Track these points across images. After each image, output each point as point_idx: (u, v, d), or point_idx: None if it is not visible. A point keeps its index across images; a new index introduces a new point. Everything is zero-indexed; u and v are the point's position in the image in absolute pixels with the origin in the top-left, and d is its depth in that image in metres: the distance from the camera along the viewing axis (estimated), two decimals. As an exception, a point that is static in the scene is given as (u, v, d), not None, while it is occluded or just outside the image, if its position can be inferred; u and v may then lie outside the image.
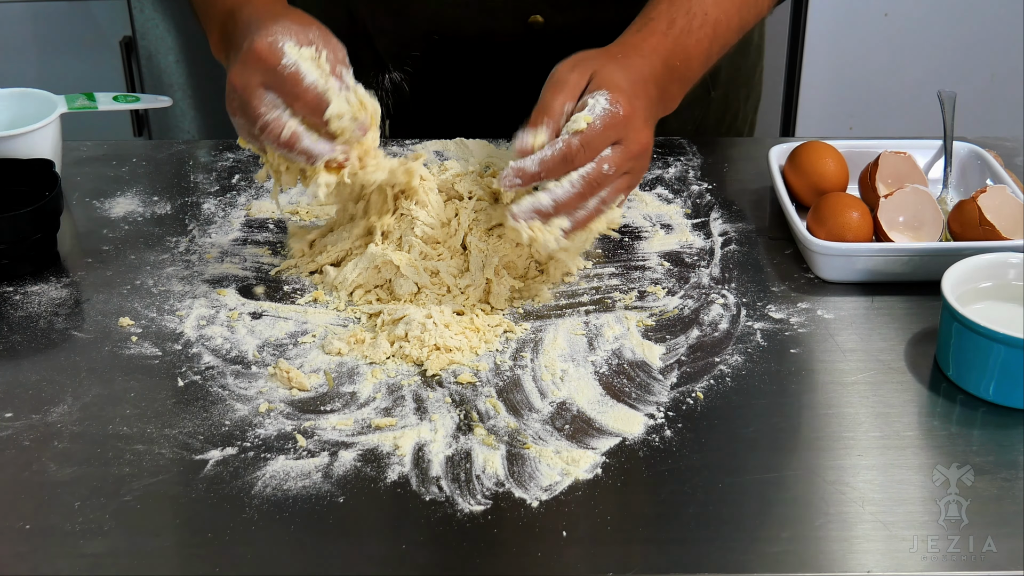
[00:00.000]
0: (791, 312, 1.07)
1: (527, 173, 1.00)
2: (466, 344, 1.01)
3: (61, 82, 2.18)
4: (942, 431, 0.95)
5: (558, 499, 0.86)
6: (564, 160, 1.00)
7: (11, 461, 0.91)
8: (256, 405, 0.95)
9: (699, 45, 1.12)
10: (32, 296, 1.10)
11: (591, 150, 1.00)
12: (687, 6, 1.12)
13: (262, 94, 1.02)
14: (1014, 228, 1.10)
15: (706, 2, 1.13)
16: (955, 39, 2.37)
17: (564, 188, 1.00)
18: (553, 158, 0.99)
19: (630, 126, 1.02)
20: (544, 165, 1.00)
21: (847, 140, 1.25)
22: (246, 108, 1.03)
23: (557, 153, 0.99)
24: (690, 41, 1.12)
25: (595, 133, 1.00)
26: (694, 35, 1.12)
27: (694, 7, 1.12)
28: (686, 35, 1.11)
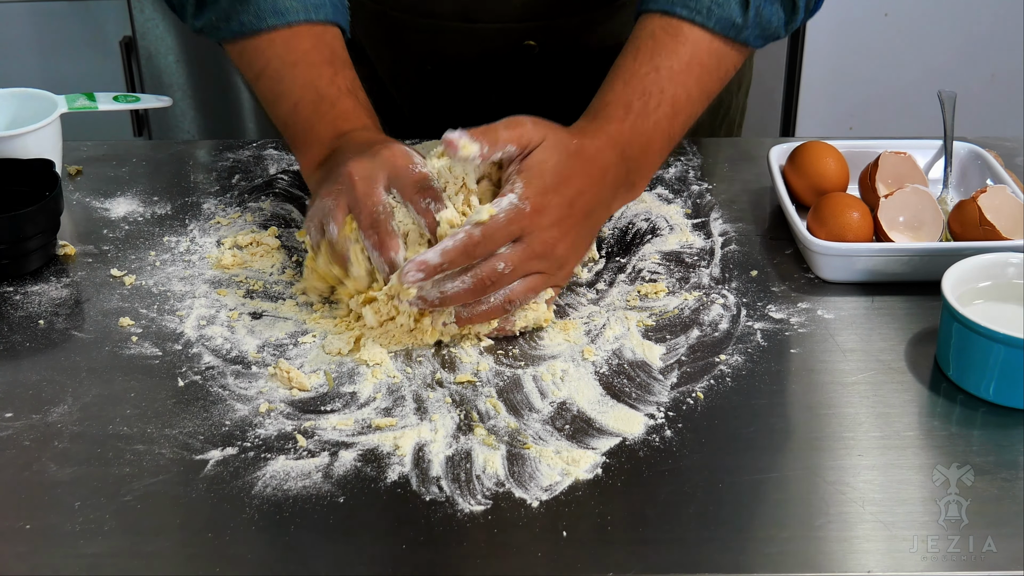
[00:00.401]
0: (791, 312, 1.07)
1: (429, 265, 0.97)
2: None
3: (61, 82, 2.18)
4: (942, 431, 0.95)
5: (558, 499, 0.86)
6: (464, 251, 0.97)
7: (11, 461, 0.91)
8: (256, 405, 0.95)
9: (657, 127, 1.10)
10: (32, 296, 1.10)
11: (491, 243, 0.97)
12: (641, 87, 1.09)
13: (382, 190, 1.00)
14: (1014, 228, 1.10)
15: (661, 79, 1.10)
16: (955, 39, 2.37)
17: (455, 285, 0.98)
18: (455, 249, 0.97)
19: (535, 224, 0.99)
20: (446, 256, 0.97)
21: (847, 140, 1.25)
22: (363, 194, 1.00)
23: (458, 243, 0.97)
24: (647, 125, 1.09)
25: (496, 226, 0.97)
26: (651, 117, 1.09)
27: (649, 87, 1.09)
28: (643, 119, 1.09)
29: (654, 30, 1.12)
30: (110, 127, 2.29)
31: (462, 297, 0.98)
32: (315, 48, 1.15)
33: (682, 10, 1.11)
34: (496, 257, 0.98)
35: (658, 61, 1.10)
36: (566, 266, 1.04)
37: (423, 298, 0.98)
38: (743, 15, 1.12)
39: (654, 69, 1.10)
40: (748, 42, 1.14)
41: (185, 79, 2.32)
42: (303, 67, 1.14)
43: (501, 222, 0.98)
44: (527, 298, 1.01)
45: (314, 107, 1.12)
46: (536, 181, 1.00)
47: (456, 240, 0.97)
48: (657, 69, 1.10)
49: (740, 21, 1.12)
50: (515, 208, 0.98)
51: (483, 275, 0.98)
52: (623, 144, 1.07)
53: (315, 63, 1.14)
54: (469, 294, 0.98)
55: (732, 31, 1.12)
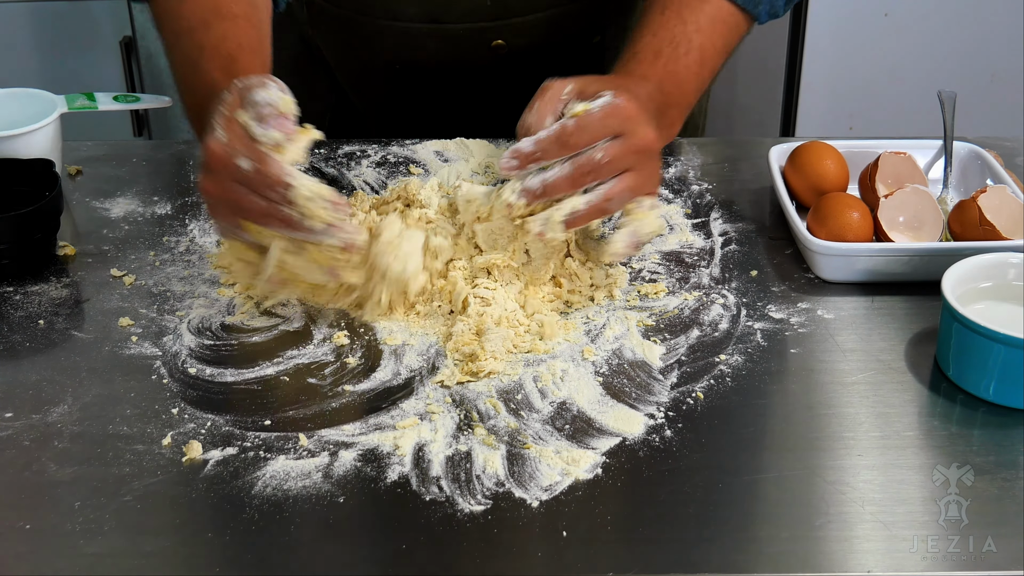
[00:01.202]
0: (791, 312, 1.07)
1: (523, 153, 0.98)
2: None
3: (61, 82, 2.18)
4: (942, 431, 0.95)
5: (558, 499, 0.86)
6: (559, 141, 0.98)
7: (11, 461, 0.91)
8: (256, 404, 0.95)
9: (688, 71, 1.13)
10: (32, 296, 1.10)
11: (587, 134, 0.98)
12: (670, 36, 1.13)
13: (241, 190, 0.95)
14: (1014, 228, 1.10)
15: (688, 30, 1.14)
16: (955, 39, 2.37)
17: (553, 172, 0.99)
18: (548, 138, 0.98)
19: (633, 120, 1.00)
20: (540, 144, 0.98)
21: (847, 140, 1.25)
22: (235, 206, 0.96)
23: (552, 133, 0.98)
24: (679, 68, 1.13)
25: (593, 118, 0.98)
26: (681, 62, 1.13)
27: (677, 36, 1.14)
28: (674, 62, 1.12)
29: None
30: (110, 127, 2.29)
31: (562, 185, 0.99)
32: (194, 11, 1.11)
33: None
34: (595, 148, 0.99)
35: (685, 15, 1.15)
36: (655, 169, 1.05)
37: (526, 190, 0.99)
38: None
39: (681, 22, 1.14)
40: (759, 17, 1.20)
41: (185, 79, 2.31)
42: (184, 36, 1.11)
43: (597, 114, 0.99)
44: (624, 197, 1.01)
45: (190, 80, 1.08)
46: (620, 90, 1.01)
47: (551, 130, 0.98)
48: (684, 21, 1.14)
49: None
50: (611, 103, 0.99)
51: (582, 162, 0.98)
52: (657, 80, 1.11)
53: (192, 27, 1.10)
54: (568, 181, 0.99)
55: (750, 4, 1.18)
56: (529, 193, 0.99)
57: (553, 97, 1.01)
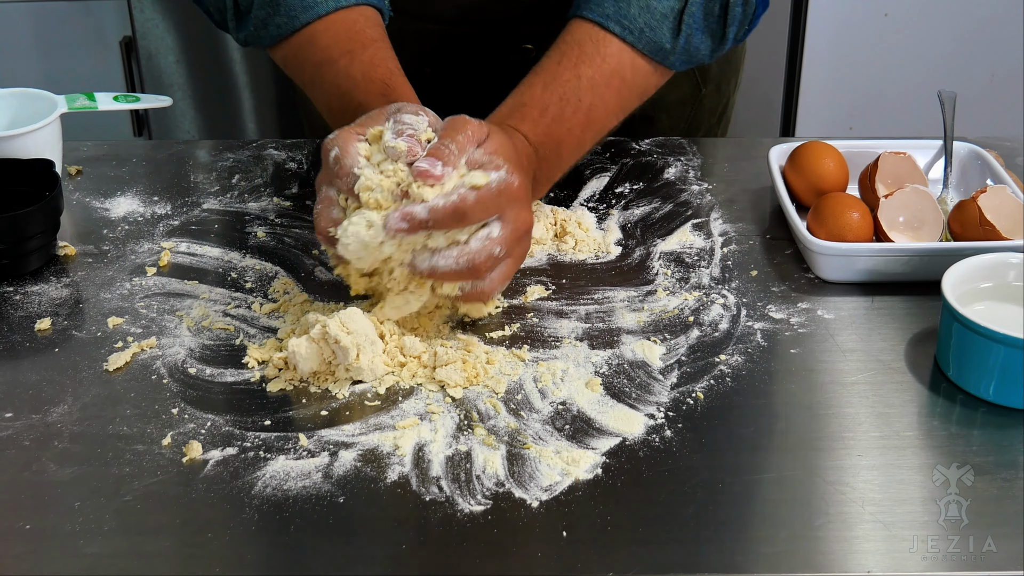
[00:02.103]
0: (791, 312, 1.07)
1: (416, 219, 0.93)
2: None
3: (61, 82, 2.18)
4: (942, 431, 0.95)
5: (558, 499, 0.86)
6: (455, 214, 0.93)
7: (11, 461, 0.91)
8: (257, 404, 0.95)
9: (571, 134, 1.09)
10: (32, 296, 1.10)
11: (483, 212, 0.94)
12: (560, 92, 1.09)
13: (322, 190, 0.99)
14: (1014, 228, 1.10)
15: (580, 88, 1.09)
16: (955, 39, 2.37)
17: (448, 263, 0.95)
18: (445, 208, 0.93)
19: (520, 203, 0.98)
20: (434, 214, 0.93)
21: (847, 140, 1.25)
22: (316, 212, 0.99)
23: (449, 205, 0.93)
24: (561, 130, 1.08)
25: (490, 195, 0.94)
26: (566, 123, 1.09)
27: (568, 93, 1.09)
28: (558, 123, 1.08)
29: (582, 38, 1.12)
30: (110, 127, 2.29)
31: (452, 276, 0.96)
32: (335, 41, 1.13)
33: (615, 26, 1.11)
34: (491, 241, 0.96)
35: (581, 70, 1.10)
36: (527, 251, 1.03)
37: (413, 264, 0.96)
38: (672, 41, 1.12)
39: (576, 77, 1.10)
40: (673, 67, 1.15)
41: (185, 79, 2.32)
42: (327, 66, 1.13)
43: (493, 192, 0.95)
44: (501, 287, 1.00)
45: (341, 110, 1.10)
46: (512, 160, 0.98)
47: (448, 200, 0.93)
48: (579, 77, 1.10)
49: (668, 46, 1.13)
50: (504, 181, 0.95)
51: (480, 261, 0.95)
52: (538, 141, 1.07)
53: (334, 58, 1.12)
54: (459, 276, 0.96)
55: (659, 55, 1.13)
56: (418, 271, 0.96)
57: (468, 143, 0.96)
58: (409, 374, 0.99)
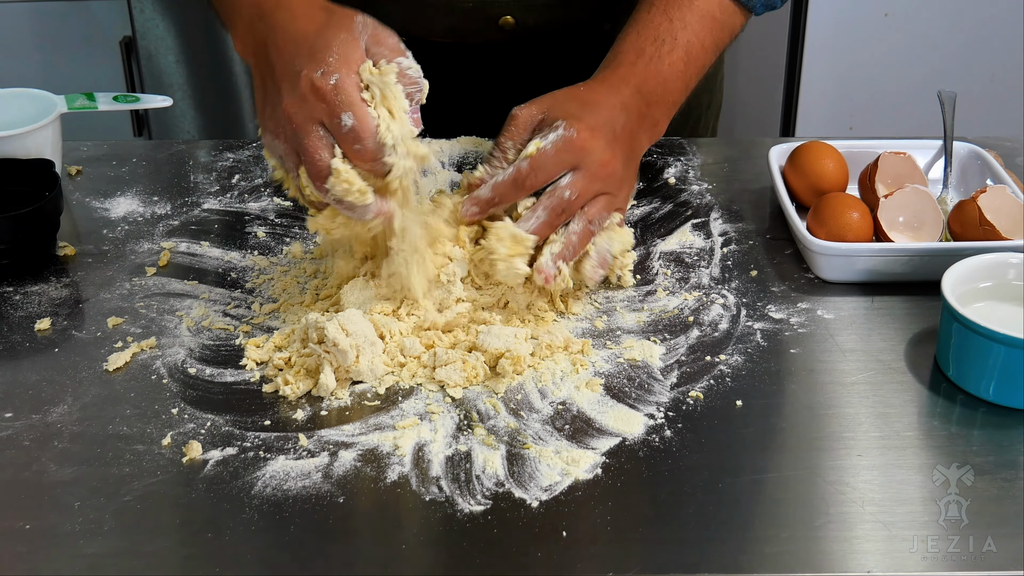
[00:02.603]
0: (791, 312, 1.07)
1: (481, 200, 1.02)
2: None
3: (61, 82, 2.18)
4: (942, 431, 0.95)
5: (558, 499, 0.86)
6: (515, 183, 1.01)
7: (11, 461, 0.91)
8: (256, 404, 0.95)
9: (672, 68, 1.13)
10: (32, 296, 1.10)
11: (543, 173, 1.01)
12: (654, 34, 1.13)
13: (319, 134, 0.95)
14: (1014, 228, 1.10)
15: (674, 27, 1.14)
16: (955, 39, 2.37)
17: (531, 222, 1.01)
18: (504, 182, 1.01)
19: (587, 150, 1.02)
20: (496, 190, 1.02)
21: (847, 140, 1.25)
22: (299, 144, 0.96)
23: (507, 177, 1.01)
24: (662, 67, 1.12)
25: (545, 156, 1.01)
26: (665, 60, 1.12)
27: (662, 34, 1.13)
28: (657, 61, 1.12)
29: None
30: (110, 127, 2.29)
31: (543, 230, 1.01)
32: None
33: None
34: (561, 187, 1.01)
35: (671, 12, 1.14)
36: (624, 186, 1.07)
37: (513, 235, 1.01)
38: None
39: (667, 19, 1.14)
40: (754, 8, 1.19)
41: (185, 79, 2.32)
42: None
43: (550, 152, 1.01)
44: (602, 217, 1.04)
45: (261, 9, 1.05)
46: (575, 114, 1.03)
47: (506, 174, 1.01)
48: (671, 19, 1.14)
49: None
50: (562, 137, 1.01)
51: (553, 204, 1.01)
52: (637, 82, 1.10)
53: None
54: (547, 227, 1.01)
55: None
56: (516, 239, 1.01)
57: (520, 129, 1.03)
58: (409, 374, 0.99)
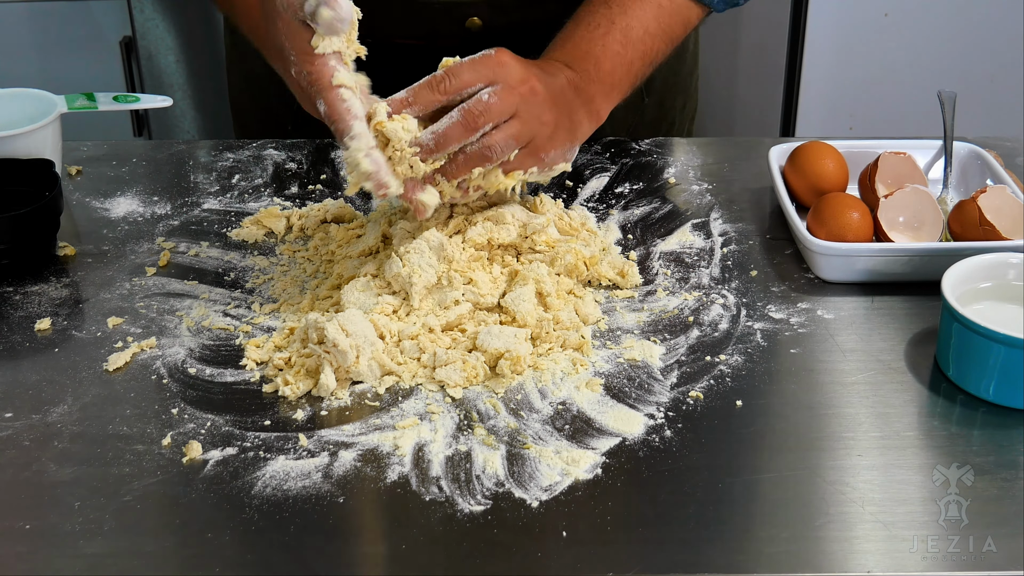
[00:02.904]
0: (791, 312, 1.07)
1: (396, 100, 1.01)
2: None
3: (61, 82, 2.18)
4: (942, 431, 0.95)
5: (558, 499, 0.86)
6: (430, 86, 1.01)
7: (11, 461, 0.91)
8: (256, 403, 0.95)
9: (607, 48, 1.11)
10: (32, 296, 1.10)
11: (458, 79, 1.01)
12: (588, 19, 1.13)
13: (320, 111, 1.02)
14: (1014, 228, 1.10)
15: (612, 12, 1.13)
16: (955, 39, 2.37)
17: (444, 121, 1.01)
18: (419, 85, 1.02)
19: (506, 66, 1.02)
20: (411, 91, 1.02)
21: (847, 140, 1.25)
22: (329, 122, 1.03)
23: (423, 81, 1.02)
24: (594, 47, 1.11)
25: (462, 65, 1.02)
26: (598, 41, 1.12)
27: (597, 19, 1.12)
28: (588, 42, 1.12)
29: None
30: (110, 127, 2.29)
31: (455, 134, 1.00)
32: None
33: None
34: (480, 91, 1.01)
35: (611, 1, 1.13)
36: (545, 129, 1.04)
37: (420, 144, 1.00)
38: None
39: (605, 5, 1.13)
40: (712, 3, 1.16)
41: (185, 79, 2.32)
42: None
43: (466, 63, 1.02)
44: (507, 146, 1.02)
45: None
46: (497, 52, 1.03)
47: (422, 81, 1.02)
48: (608, 5, 1.13)
49: None
50: (480, 55, 1.02)
51: (470, 106, 1.00)
52: (566, 60, 1.10)
53: None
54: (459, 127, 1.00)
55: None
56: (424, 148, 1.01)
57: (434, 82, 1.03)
58: (409, 374, 0.99)
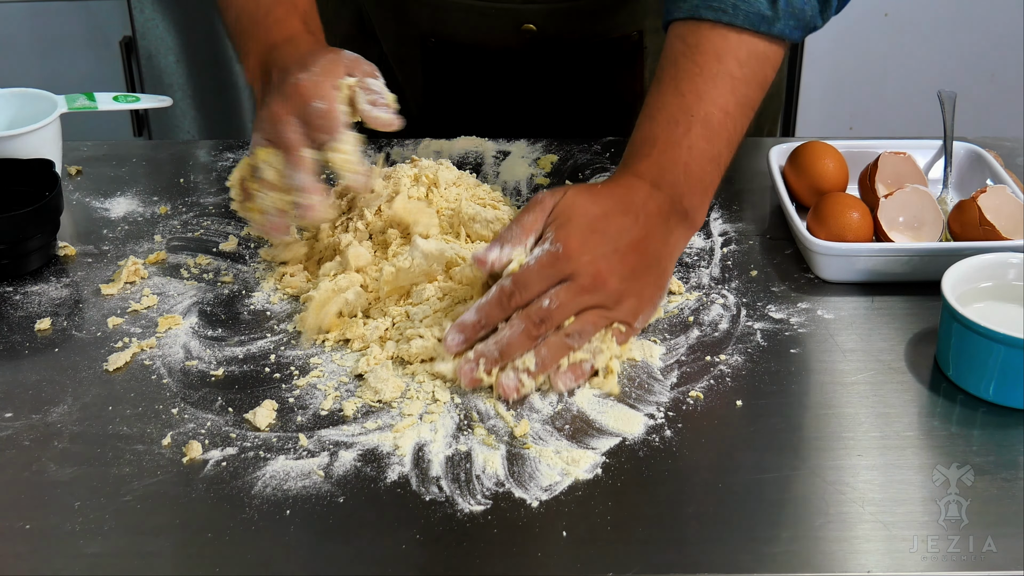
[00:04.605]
0: (791, 312, 1.07)
1: (467, 324, 0.96)
2: None
3: (61, 82, 2.18)
4: (942, 431, 0.95)
5: (558, 499, 0.86)
6: (498, 303, 0.95)
7: (11, 461, 0.91)
8: (257, 404, 0.95)
9: (693, 151, 1.04)
10: (32, 296, 1.10)
11: (525, 290, 0.95)
12: (667, 116, 1.05)
13: (294, 123, 1.04)
14: (1014, 228, 1.10)
15: (687, 101, 1.05)
16: (955, 39, 2.37)
17: (508, 332, 0.95)
18: (488, 303, 0.96)
19: (576, 261, 0.96)
20: (481, 311, 0.96)
21: (847, 140, 1.25)
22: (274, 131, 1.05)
23: (492, 297, 0.96)
24: (679, 152, 1.03)
25: (529, 272, 0.95)
26: (682, 143, 1.04)
27: (675, 115, 1.05)
28: (673, 147, 1.04)
29: (676, 56, 1.08)
30: (110, 127, 2.29)
31: (519, 343, 0.95)
32: None
33: (707, 12, 1.06)
34: (543, 296, 0.95)
35: (682, 87, 1.06)
36: (625, 300, 0.98)
37: (484, 357, 0.95)
38: (772, 6, 1.06)
39: (679, 96, 1.05)
40: (784, 35, 1.08)
41: (185, 79, 2.32)
42: None
43: (534, 267, 0.96)
44: (586, 331, 0.97)
45: (250, 17, 1.15)
46: (567, 225, 0.97)
47: (490, 295, 0.96)
48: (682, 95, 1.05)
49: (770, 13, 1.06)
50: (547, 252, 0.96)
51: (531, 312, 0.95)
52: (654, 176, 1.03)
53: None
54: (524, 337, 0.95)
55: (763, 24, 1.07)
56: (489, 361, 0.95)
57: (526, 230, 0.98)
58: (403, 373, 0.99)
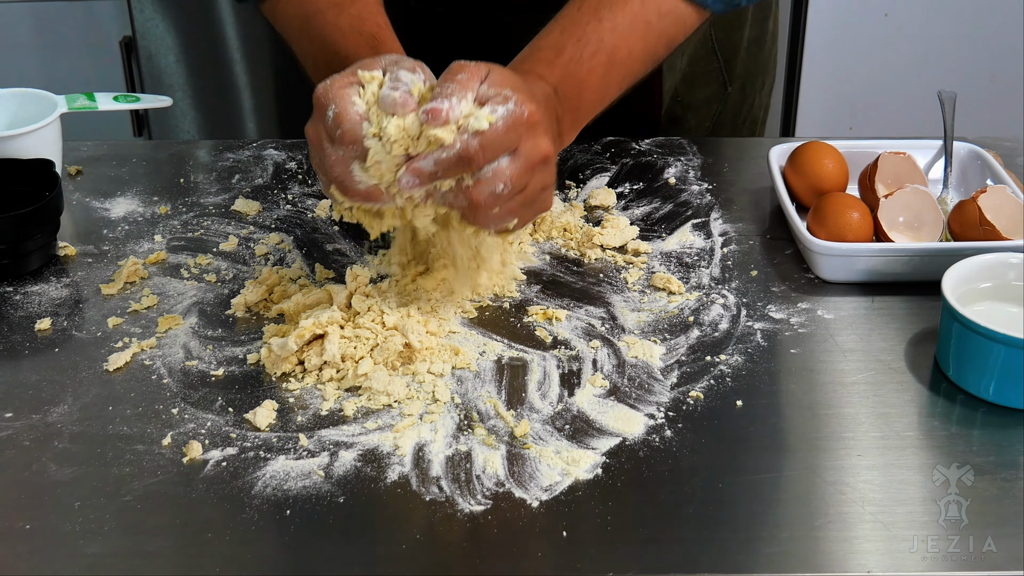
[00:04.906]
0: (791, 312, 1.07)
1: (424, 172, 0.93)
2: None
3: (61, 82, 2.18)
4: (942, 431, 0.95)
5: (558, 499, 0.86)
6: (461, 161, 0.92)
7: (11, 461, 0.91)
8: (257, 403, 0.95)
9: (592, 74, 1.04)
10: (32, 296, 1.10)
11: (490, 152, 0.92)
12: (578, 34, 1.05)
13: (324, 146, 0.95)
14: (1014, 228, 1.10)
15: (602, 29, 1.05)
16: (955, 39, 2.37)
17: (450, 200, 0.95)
18: (450, 159, 0.92)
19: (533, 131, 0.94)
20: (440, 164, 0.93)
21: (847, 140, 1.25)
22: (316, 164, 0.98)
23: (454, 155, 0.92)
24: (581, 70, 1.04)
25: (496, 135, 0.92)
26: (585, 64, 1.04)
27: (588, 35, 1.04)
28: (576, 63, 1.04)
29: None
30: (110, 127, 2.29)
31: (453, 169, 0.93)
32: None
33: None
34: (495, 177, 0.93)
35: (602, 13, 1.06)
36: (546, 188, 0.98)
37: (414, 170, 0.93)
38: None
39: (596, 19, 1.06)
40: (706, 4, 1.10)
41: (185, 79, 2.32)
42: (315, 18, 1.11)
43: (500, 130, 0.92)
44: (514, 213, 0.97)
45: (327, 62, 1.08)
46: (522, 89, 0.95)
47: (453, 150, 0.92)
48: (600, 19, 1.06)
49: None
50: (513, 114, 0.92)
51: (481, 198, 0.94)
52: (555, 82, 1.03)
53: (322, 10, 1.11)
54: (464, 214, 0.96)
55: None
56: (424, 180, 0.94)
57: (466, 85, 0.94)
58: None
